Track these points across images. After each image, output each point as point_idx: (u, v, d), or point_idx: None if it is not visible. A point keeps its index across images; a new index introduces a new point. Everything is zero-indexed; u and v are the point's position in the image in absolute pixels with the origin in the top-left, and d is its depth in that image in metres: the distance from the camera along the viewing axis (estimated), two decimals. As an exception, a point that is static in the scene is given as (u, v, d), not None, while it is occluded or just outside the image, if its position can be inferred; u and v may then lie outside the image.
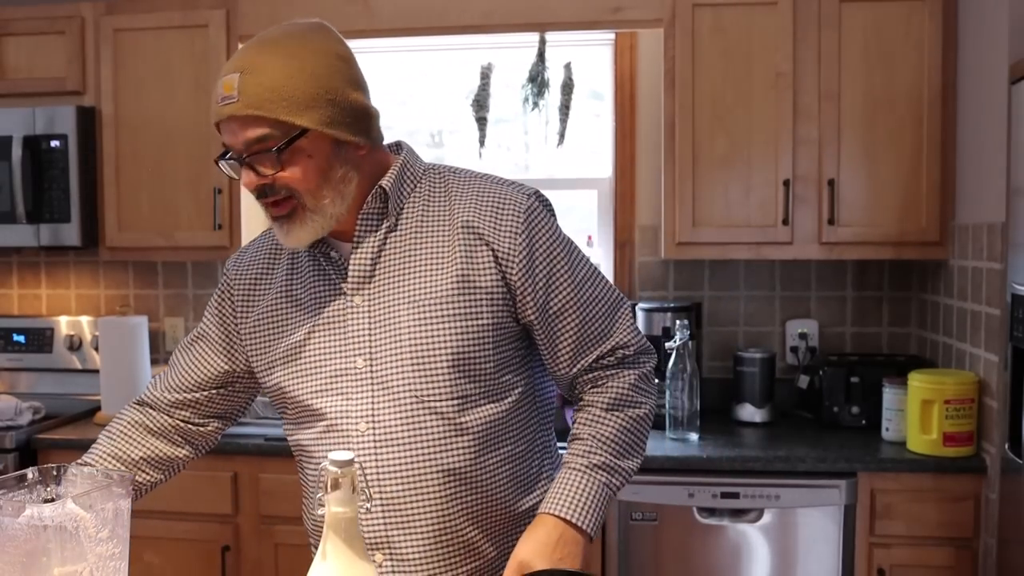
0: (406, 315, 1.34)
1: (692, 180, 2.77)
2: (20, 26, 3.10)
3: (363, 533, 1.34)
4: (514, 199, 1.37)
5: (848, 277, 3.11)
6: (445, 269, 1.34)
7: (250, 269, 1.50)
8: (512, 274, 1.34)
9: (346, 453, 1.08)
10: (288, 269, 1.45)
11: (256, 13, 2.98)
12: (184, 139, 3.03)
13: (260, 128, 1.26)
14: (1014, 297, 2.20)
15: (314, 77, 1.31)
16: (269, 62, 1.27)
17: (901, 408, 2.62)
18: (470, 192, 1.39)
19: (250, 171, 1.29)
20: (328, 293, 1.40)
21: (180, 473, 1.59)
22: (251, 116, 1.25)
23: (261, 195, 1.31)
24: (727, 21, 2.75)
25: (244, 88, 1.26)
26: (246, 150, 1.28)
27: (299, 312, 1.41)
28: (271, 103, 1.25)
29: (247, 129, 1.26)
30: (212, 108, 1.31)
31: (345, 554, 1.07)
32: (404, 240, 1.37)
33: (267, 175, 1.28)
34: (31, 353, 3.39)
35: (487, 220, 1.35)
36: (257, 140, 1.27)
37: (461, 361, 1.33)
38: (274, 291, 1.45)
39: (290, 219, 1.31)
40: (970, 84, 2.60)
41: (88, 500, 1.01)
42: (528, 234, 1.35)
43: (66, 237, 3.03)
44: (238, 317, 1.49)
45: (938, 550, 2.47)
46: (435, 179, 1.42)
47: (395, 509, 1.34)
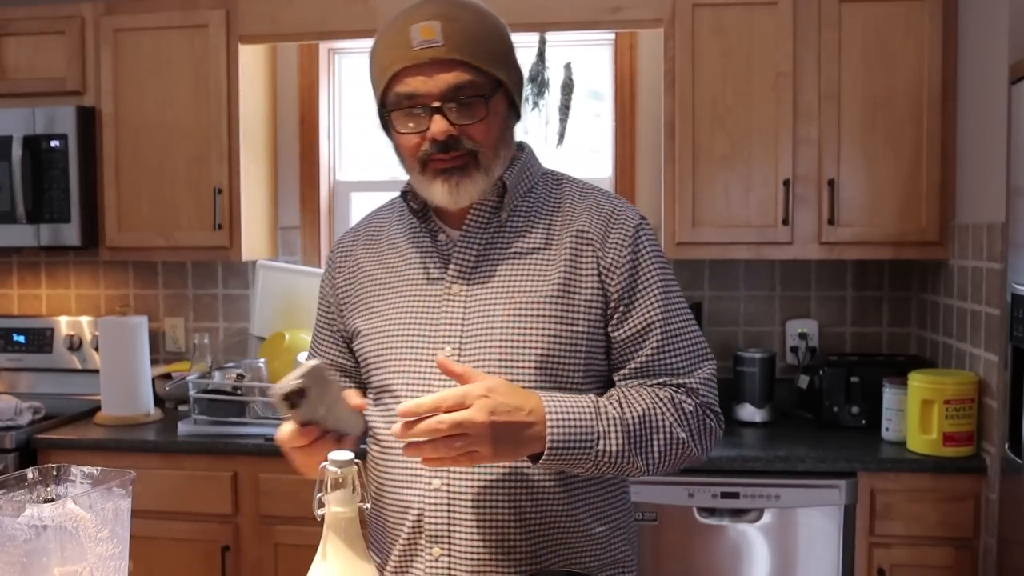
0: (501, 311, 1.32)
1: (692, 180, 2.77)
2: (20, 26, 3.10)
3: (424, 526, 1.33)
4: (627, 214, 1.38)
5: (848, 277, 3.11)
6: (549, 272, 1.34)
7: (353, 248, 1.50)
8: (611, 285, 1.33)
9: (346, 453, 1.08)
10: (389, 247, 1.45)
11: (256, 13, 2.98)
12: (184, 139, 3.03)
13: (464, 74, 1.27)
14: (1014, 297, 2.20)
15: (504, 38, 1.34)
16: (465, 15, 1.29)
17: (901, 408, 2.62)
18: (585, 201, 1.39)
19: (443, 119, 1.27)
20: (426, 276, 1.39)
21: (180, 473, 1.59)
22: (456, 61, 1.26)
23: (443, 148, 1.29)
24: (727, 21, 2.75)
25: (449, 34, 1.26)
26: (445, 96, 1.27)
27: (395, 291, 1.41)
28: (477, 52, 1.27)
29: (450, 73, 1.26)
30: (395, 53, 1.29)
31: (345, 554, 1.07)
32: (511, 237, 1.37)
33: (460, 124, 1.28)
34: (31, 353, 3.39)
35: (598, 229, 1.35)
36: (460, 86, 1.27)
37: (549, 364, 1.31)
38: (375, 268, 1.45)
39: (463, 172, 1.30)
40: (970, 84, 2.60)
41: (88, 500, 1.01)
42: (634, 249, 1.35)
43: (66, 237, 3.03)
44: (339, 294, 1.49)
45: (938, 550, 2.47)
46: (551, 184, 1.43)
47: (461, 506, 1.31)
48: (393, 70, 1.29)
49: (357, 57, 3.39)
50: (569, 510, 1.34)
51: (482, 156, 1.30)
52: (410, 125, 1.31)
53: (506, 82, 1.32)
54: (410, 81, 1.28)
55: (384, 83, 1.31)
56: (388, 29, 1.33)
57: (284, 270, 3.20)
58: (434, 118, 1.27)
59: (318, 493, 1.09)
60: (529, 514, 1.32)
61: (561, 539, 1.34)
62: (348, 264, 1.49)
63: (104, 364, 2.98)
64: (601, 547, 1.38)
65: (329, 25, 2.95)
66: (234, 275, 3.39)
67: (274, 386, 1.11)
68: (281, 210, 3.36)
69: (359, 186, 3.42)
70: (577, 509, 1.35)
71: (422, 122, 1.29)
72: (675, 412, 1.31)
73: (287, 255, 3.37)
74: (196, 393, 2.85)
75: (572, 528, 1.35)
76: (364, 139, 3.41)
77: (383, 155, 3.40)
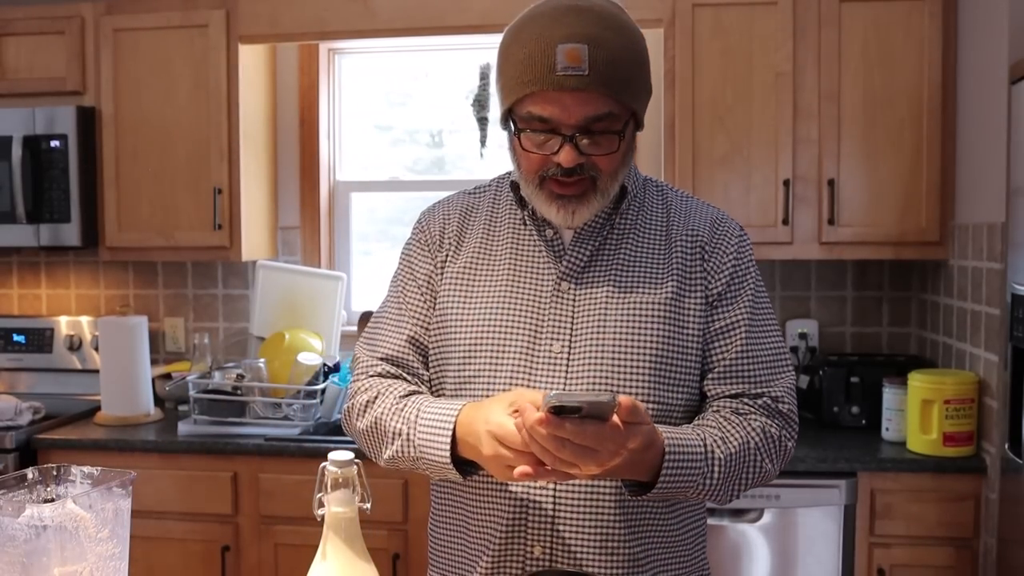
0: (614, 312, 1.31)
1: (692, 180, 2.77)
2: (20, 26, 3.10)
3: (527, 525, 1.30)
4: (731, 221, 1.41)
5: (848, 277, 3.11)
6: (662, 275, 1.34)
7: (449, 221, 1.44)
8: (713, 287, 1.35)
9: (346, 453, 1.08)
10: (489, 229, 1.41)
11: (256, 13, 2.98)
12: (184, 139, 3.03)
13: (604, 107, 1.23)
14: (1014, 297, 2.20)
15: (645, 63, 1.31)
16: (613, 39, 1.25)
17: (901, 408, 2.62)
18: (690, 206, 1.41)
19: (573, 149, 1.24)
20: (533, 270, 1.36)
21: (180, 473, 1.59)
22: (601, 94, 1.22)
23: (567, 173, 1.26)
24: (727, 21, 2.75)
25: (595, 63, 1.22)
26: (582, 126, 1.23)
27: (495, 278, 1.37)
28: (621, 85, 1.24)
29: (590, 105, 1.22)
30: (536, 72, 1.23)
31: (345, 554, 1.07)
32: (623, 240, 1.36)
33: (589, 155, 1.25)
34: (31, 353, 3.39)
35: (707, 232, 1.37)
36: (599, 118, 1.24)
37: (663, 367, 1.30)
38: (473, 246, 1.41)
39: (580, 199, 1.29)
40: (970, 84, 2.60)
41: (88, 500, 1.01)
42: (738, 255, 1.37)
43: (66, 237, 3.03)
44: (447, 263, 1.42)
45: (938, 550, 2.47)
46: (654, 189, 1.43)
47: (567, 503, 1.29)
48: (532, 89, 1.24)
49: (357, 57, 3.39)
50: (667, 514, 1.34)
51: (601, 182, 1.29)
52: (538, 147, 1.27)
53: (639, 111, 1.29)
54: (547, 106, 1.24)
55: (519, 96, 1.26)
56: (530, 36, 1.25)
57: (284, 270, 3.20)
58: (564, 147, 1.24)
59: (318, 493, 1.09)
60: (634, 514, 1.30)
61: (660, 542, 1.33)
62: (450, 232, 1.43)
63: (104, 364, 2.98)
64: (688, 552, 1.38)
65: (329, 25, 2.95)
66: (234, 275, 3.39)
67: (560, 393, 1.07)
68: (281, 210, 3.36)
69: (359, 186, 3.42)
70: (674, 513, 1.35)
71: (551, 146, 1.26)
72: (765, 443, 1.31)
73: (287, 255, 3.37)
74: (196, 393, 2.85)
75: (670, 532, 1.34)
76: (364, 139, 3.41)
77: (383, 155, 3.40)
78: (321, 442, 2.68)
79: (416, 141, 3.38)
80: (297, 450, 2.66)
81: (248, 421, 2.83)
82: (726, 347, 1.33)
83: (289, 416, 2.83)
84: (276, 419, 2.82)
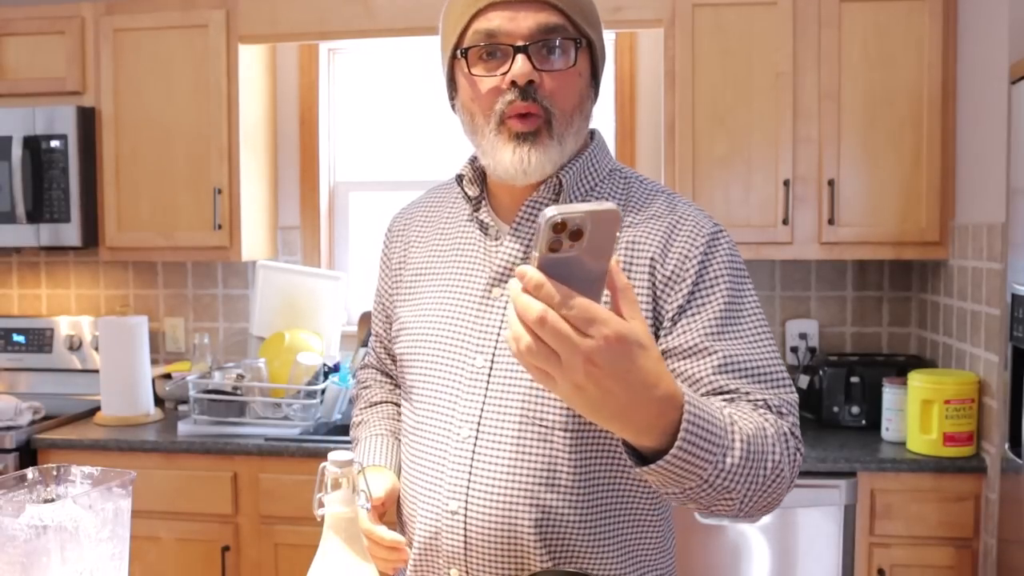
0: None
1: (692, 180, 2.77)
2: (20, 26, 3.10)
3: (441, 546, 1.22)
4: (695, 222, 1.21)
5: (848, 277, 3.11)
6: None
7: (409, 226, 1.40)
8: (667, 302, 1.17)
9: (346, 453, 1.08)
10: (440, 232, 1.34)
11: (256, 13, 2.98)
12: (184, 139, 3.03)
13: (554, 18, 1.17)
14: (1014, 297, 2.20)
15: (593, 5, 1.24)
16: None
17: (901, 408, 2.62)
18: (650, 206, 1.24)
19: (526, 60, 1.15)
20: (468, 274, 1.27)
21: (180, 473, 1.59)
22: (548, 3, 1.16)
23: (522, 95, 1.16)
24: (727, 21, 2.75)
25: None
26: (533, 36, 1.16)
27: (436, 284, 1.31)
28: (573, 5, 1.18)
29: (542, 13, 1.16)
30: None
31: (345, 554, 1.07)
32: None
33: (544, 70, 1.17)
34: (31, 353, 3.39)
35: (658, 240, 1.20)
36: (552, 29, 1.16)
37: None
38: (423, 253, 1.35)
39: (535, 139, 1.17)
40: (970, 84, 2.60)
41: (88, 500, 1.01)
42: (703, 262, 1.18)
43: (66, 237, 3.03)
44: (392, 273, 1.40)
45: (938, 550, 2.47)
46: (618, 183, 1.28)
47: (478, 534, 1.19)
48: (478, 6, 1.17)
49: (357, 57, 3.39)
50: (600, 548, 1.20)
51: (556, 121, 1.18)
52: (489, 70, 1.18)
53: (595, 43, 1.21)
54: (494, 16, 1.16)
55: (465, 22, 1.19)
56: None
57: (284, 270, 3.21)
58: (517, 57, 1.15)
59: (318, 493, 1.09)
60: (553, 536, 1.19)
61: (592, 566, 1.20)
62: (402, 242, 1.40)
63: (104, 364, 2.98)
64: None
65: (329, 25, 2.95)
66: (234, 275, 3.39)
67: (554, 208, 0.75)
68: (281, 210, 3.37)
69: (359, 186, 3.42)
70: (609, 550, 1.21)
71: (502, 64, 1.17)
72: (779, 435, 1.09)
73: (287, 255, 3.37)
74: (196, 393, 2.85)
75: (603, 569, 1.21)
76: (364, 139, 3.41)
77: (383, 155, 3.40)
78: (321, 442, 2.68)
79: (416, 141, 3.38)
80: (297, 450, 2.66)
81: (248, 421, 2.83)
82: (699, 368, 1.14)
83: (289, 416, 2.83)
84: (276, 419, 2.83)
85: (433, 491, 1.23)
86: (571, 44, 1.18)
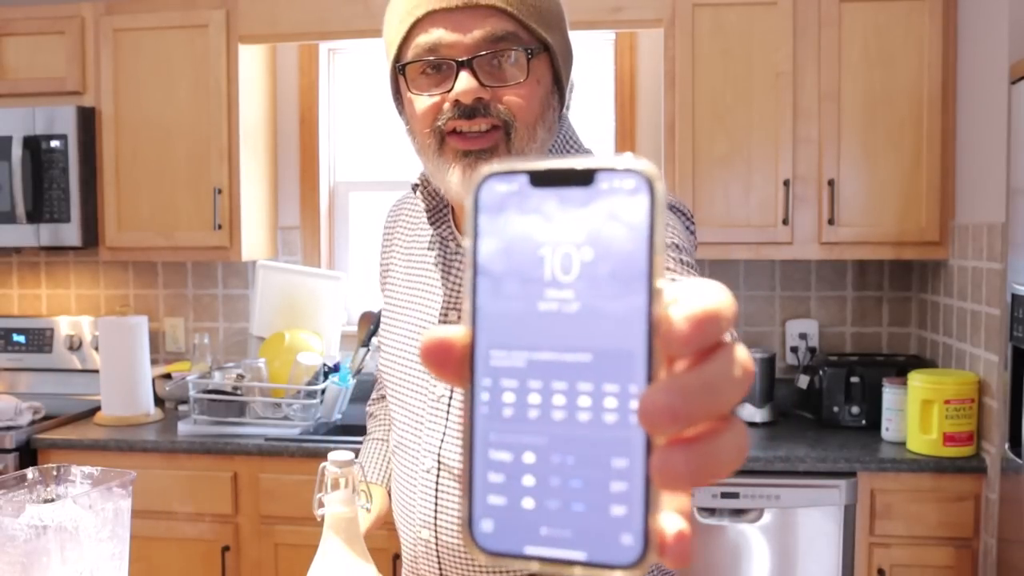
0: None
1: (692, 180, 2.77)
2: (20, 26, 3.10)
3: (420, 570, 1.19)
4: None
5: (848, 277, 3.11)
6: None
7: (394, 230, 1.32)
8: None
9: (346, 453, 1.08)
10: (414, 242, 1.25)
11: (256, 13, 2.98)
12: (184, 139, 3.03)
13: (504, 25, 1.03)
14: (1014, 297, 2.20)
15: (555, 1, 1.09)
16: None
17: (901, 408, 2.62)
18: None
19: (471, 76, 1.02)
20: (428, 293, 1.19)
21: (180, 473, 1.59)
22: (496, 8, 1.02)
23: (470, 114, 1.03)
24: (727, 21, 2.75)
25: None
26: (479, 47, 1.02)
27: (404, 302, 1.23)
28: (524, 4, 1.04)
29: (486, 22, 1.02)
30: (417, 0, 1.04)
31: (345, 554, 1.07)
32: None
33: (492, 86, 1.03)
34: (31, 353, 3.39)
35: None
36: (498, 38, 1.02)
37: None
38: (399, 263, 1.27)
39: (490, 156, 1.04)
40: (970, 84, 2.60)
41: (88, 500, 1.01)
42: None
43: (66, 237, 3.03)
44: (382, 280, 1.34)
45: (938, 550, 2.47)
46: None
47: (451, 559, 1.14)
48: (415, 15, 1.04)
49: (357, 57, 3.39)
50: None
51: (516, 134, 1.04)
52: (430, 86, 1.06)
53: (553, 48, 1.07)
54: (435, 28, 1.03)
55: (404, 33, 1.06)
56: None
57: (284, 270, 3.20)
58: (460, 74, 1.02)
59: (318, 493, 1.09)
60: None
61: None
62: (388, 243, 1.33)
63: (104, 364, 2.98)
64: None
65: (329, 25, 2.95)
66: (234, 275, 3.39)
67: None
68: (281, 210, 3.36)
69: (359, 186, 3.42)
70: None
71: (444, 81, 1.04)
72: None
73: (287, 255, 3.37)
74: (196, 393, 2.85)
75: None
76: (364, 139, 3.41)
77: (383, 155, 3.40)
78: (321, 442, 2.68)
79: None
80: (297, 450, 2.66)
81: (248, 421, 2.82)
82: None
83: (289, 416, 2.83)
84: (276, 419, 2.82)
85: (408, 517, 1.19)
86: (523, 54, 1.04)
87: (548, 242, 0.41)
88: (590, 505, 0.40)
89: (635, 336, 0.39)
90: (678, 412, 0.37)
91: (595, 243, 0.40)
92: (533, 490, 0.40)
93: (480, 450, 0.41)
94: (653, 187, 0.40)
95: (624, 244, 0.40)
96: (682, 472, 0.37)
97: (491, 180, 0.42)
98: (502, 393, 0.41)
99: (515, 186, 0.42)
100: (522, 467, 0.40)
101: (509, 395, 0.41)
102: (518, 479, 0.40)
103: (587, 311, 0.40)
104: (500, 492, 0.41)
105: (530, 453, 0.40)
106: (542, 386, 0.40)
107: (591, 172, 0.41)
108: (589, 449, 0.40)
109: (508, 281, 0.41)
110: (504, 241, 0.41)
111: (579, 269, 0.40)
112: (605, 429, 0.39)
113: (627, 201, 0.40)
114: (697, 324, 0.38)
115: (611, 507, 0.39)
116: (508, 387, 0.41)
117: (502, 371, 0.41)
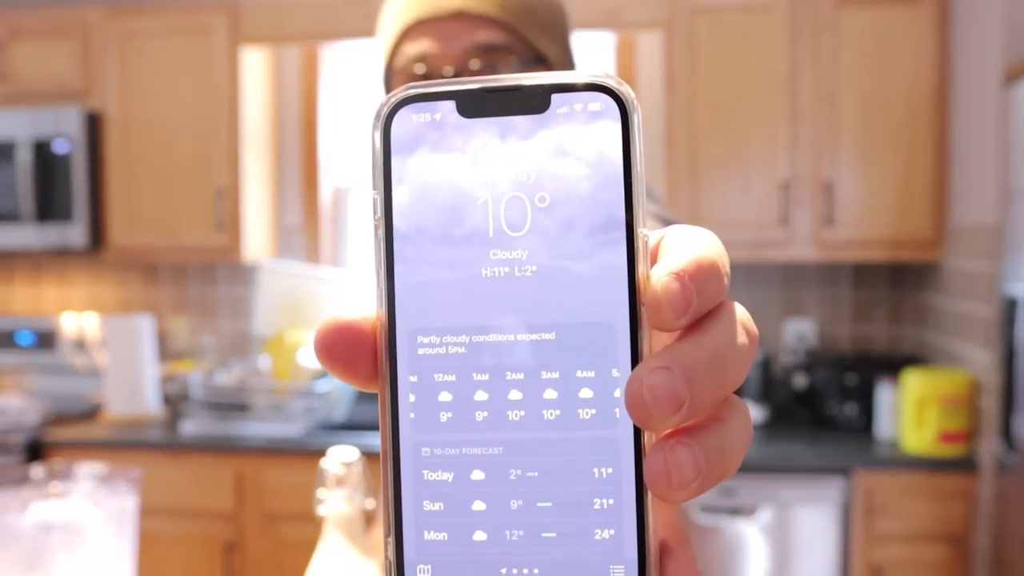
0: None
1: (691, 181, 2.79)
2: (27, 30, 3.12)
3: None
4: None
5: (845, 278, 3.13)
6: None
7: None
8: None
9: (347, 449, 1.10)
10: None
11: (260, 18, 3.00)
12: (188, 142, 3.05)
13: (495, 35, 0.98)
14: (1008, 297, 2.22)
15: (556, 6, 1.04)
16: None
17: (897, 407, 2.64)
18: None
19: None
20: None
21: (183, 472, 1.60)
22: (489, 19, 0.97)
23: None
24: (725, 25, 2.77)
25: None
26: (469, 56, 0.98)
27: None
28: (520, 12, 0.99)
29: (479, 32, 0.97)
30: (411, 6, 1.00)
31: (346, 553, 1.09)
32: None
33: None
34: (37, 353, 3.41)
35: None
36: (492, 48, 0.98)
37: None
38: None
39: None
40: (965, 87, 2.62)
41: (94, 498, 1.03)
42: None
43: (71, 238, 3.06)
44: None
45: (933, 547, 2.49)
46: None
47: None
48: (406, 23, 1.00)
49: (359, 59, 3.41)
50: None
51: None
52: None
53: (551, 60, 1.02)
54: (424, 39, 0.99)
55: (395, 42, 1.03)
56: None
57: (286, 271, 3.22)
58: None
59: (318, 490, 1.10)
60: None
61: None
62: None
63: (109, 364, 3.00)
64: None
65: (331, 27, 2.98)
66: (237, 275, 3.41)
67: None
68: (283, 211, 3.39)
69: (360, 186, 3.44)
70: None
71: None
72: None
73: (289, 255, 3.39)
74: (199, 393, 2.87)
75: None
76: (364, 139, 3.43)
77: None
78: (323, 441, 2.70)
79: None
80: (299, 449, 2.68)
81: (251, 420, 2.85)
82: None
83: (292, 416, 2.86)
84: (278, 418, 2.85)
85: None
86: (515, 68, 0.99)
87: (489, 186, 0.31)
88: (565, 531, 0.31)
89: (614, 303, 0.30)
90: (681, 396, 0.29)
91: (554, 185, 0.31)
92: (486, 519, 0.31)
93: (410, 471, 0.31)
94: (626, 109, 0.31)
95: (592, 184, 0.30)
96: (689, 475, 0.29)
97: (406, 108, 0.32)
98: (436, 392, 0.31)
99: (439, 115, 0.32)
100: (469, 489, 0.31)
101: (445, 394, 0.31)
102: (465, 505, 0.31)
103: (547, 274, 0.31)
104: (440, 526, 0.31)
105: (478, 470, 0.31)
106: (490, 378, 0.31)
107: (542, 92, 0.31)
108: (559, 457, 0.31)
109: (435, 242, 0.31)
110: (427, 189, 0.31)
111: (533, 220, 0.31)
112: (580, 429, 0.31)
113: (594, 128, 0.31)
114: (695, 281, 0.30)
115: (593, 532, 0.31)
116: (443, 383, 0.31)
117: (433, 362, 0.31)
